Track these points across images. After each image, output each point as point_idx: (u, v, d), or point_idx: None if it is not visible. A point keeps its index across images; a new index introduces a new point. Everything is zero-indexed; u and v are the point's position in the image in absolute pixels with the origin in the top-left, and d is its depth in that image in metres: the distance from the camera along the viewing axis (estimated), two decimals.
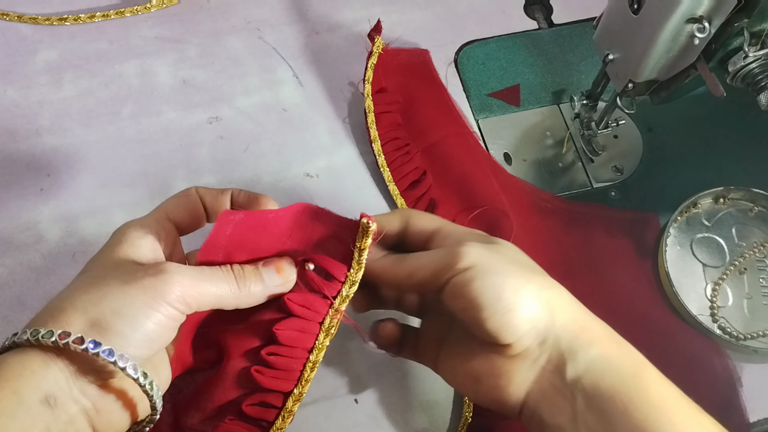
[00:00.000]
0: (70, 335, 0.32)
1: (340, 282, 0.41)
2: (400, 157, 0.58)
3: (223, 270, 0.38)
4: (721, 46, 0.45)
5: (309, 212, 0.42)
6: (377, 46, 0.61)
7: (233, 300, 0.38)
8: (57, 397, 0.32)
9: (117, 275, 0.35)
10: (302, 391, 0.41)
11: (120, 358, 0.33)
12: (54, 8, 0.66)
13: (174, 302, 0.35)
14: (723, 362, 0.53)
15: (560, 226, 0.58)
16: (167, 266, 0.35)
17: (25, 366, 0.32)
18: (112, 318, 0.33)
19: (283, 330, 0.41)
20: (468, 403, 0.50)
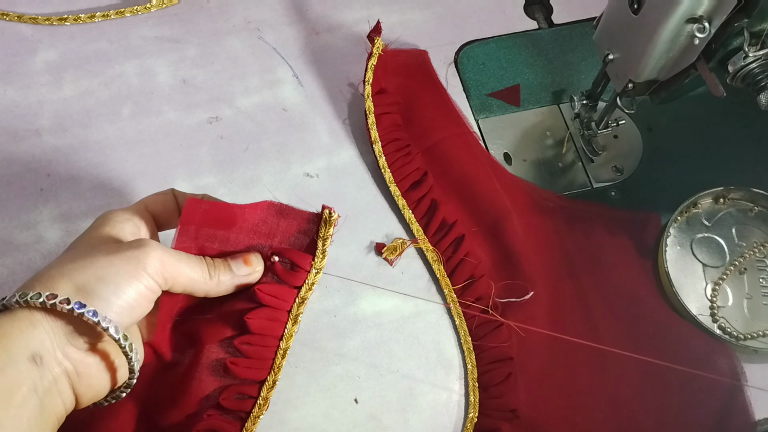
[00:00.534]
0: (57, 297, 0.34)
1: (306, 271, 0.44)
2: (401, 158, 0.58)
3: (197, 257, 0.42)
4: (721, 46, 0.45)
5: (274, 208, 0.45)
6: (377, 47, 0.61)
7: (204, 286, 0.41)
8: (43, 356, 0.34)
9: (102, 249, 0.38)
10: (275, 378, 0.44)
11: (103, 319, 0.35)
12: (54, 8, 0.66)
13: (153, 274, 0.38)
14: (726, 359, 0.53)
15: (562, 225, 0.58)
16: (148, 241, 0.39)
17: (14, 326, 0.34)
18: (97, 284, 0.36)
19: (254, 319, 0.43)
20: (474, 403, 0.50)
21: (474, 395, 0.51)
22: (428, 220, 0.56)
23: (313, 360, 0.51)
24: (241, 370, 0.43)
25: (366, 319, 0.53)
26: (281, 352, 0.44)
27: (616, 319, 0.54)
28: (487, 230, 0.56)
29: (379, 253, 0.56)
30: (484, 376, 0.51)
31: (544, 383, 0.51)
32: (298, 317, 0.45)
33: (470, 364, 0.52)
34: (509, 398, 0.50)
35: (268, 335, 0.44)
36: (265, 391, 0.44)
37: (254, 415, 0.44)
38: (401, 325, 0.53)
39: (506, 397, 0.50)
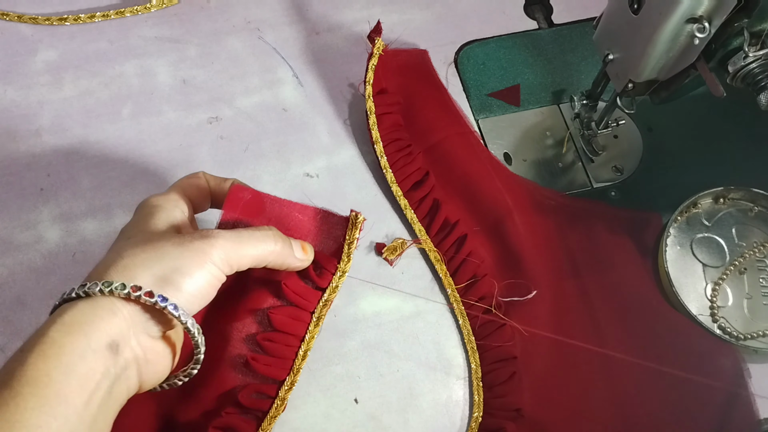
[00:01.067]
0: (141, 289, 0.36)
1: (331, 273, 0.45)
2: (403, 158, 0.58)
3: (262, 231, 0.42)
4: (721, 46, 0.45)
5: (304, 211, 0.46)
6: (378, 47, 0.61)
7: (270, 258, 0.42)
8: (119, 344, 0.36)
9: (167, 239, 0.39)
10: (293, 380, 0.45)
11: (183, 313, 0.37)
12: (54, 8, 0.66)
13: (219, 263, 0.39)
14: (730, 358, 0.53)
15: (563, 224, 0.58)
16: (212, 232, 0.40)
17: (96, 313, 0.35)
18: (174, 274, 0.37)
19: (278, 315, 0.44)
20: (478, 403, 0.50)
21: (478, 394, 0.51)
22: (430, 220, 0.56)
23: (313, 360, 0.51)
24: (261, 367, 0.44)
25: (366, 319, 0.53)
26: (302, 353, 0.45)
27: (618, 318, 0.54)
28: (489, 229, 0.56)
29: (379, 253, 0.56)
30: (488, 375, 0.51)
31: (548, 382, 0.51)
32: (320, 319, 0.45)
33: (474, 363, 0.52)
34: (513, 397, 0.50)
35: (291, 334, 0.45)
36: (283, 392, 0.45)
37: (271, 415, 0.44)
38: (401, 325, 0.53)
39: (510, 396, 0.50)
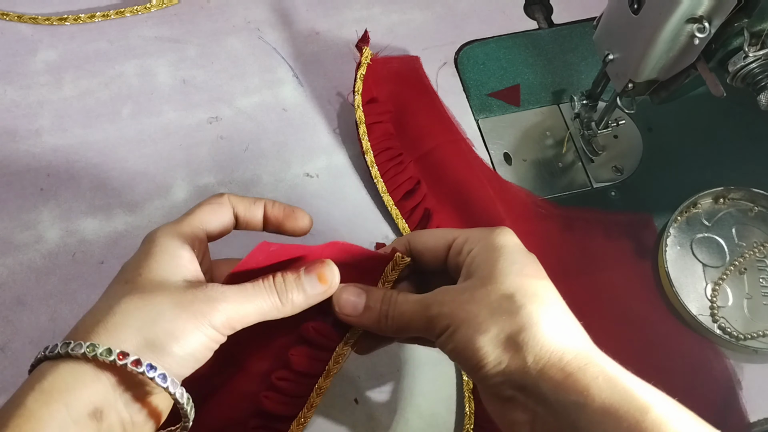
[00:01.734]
0: (128, 356, 0.33)
1: None
2: (394, 168, 0.58)
3: (265, 286, 0.38)
4: (721, 46, 0.45)
5: (343, 249, 0.42)
6: (365, 56, 0.61)
7: (276, 314, 0.38)
8: (103, 410, 0.33)
9: (167, 294, 0.35)
10: (307, 415, 0.42)
11: (172, 383, 0.34)
12: (54, 8, 0.66)
13: (219, 327, 0.36)
14: (722, 364, 0.53)
15: (556, 231, 0.58)
16: (215, 292, 0.36)
17: (77, 379, 0.33)
18: (167, 340, 0.34)
19: (298, 356, 0.41)
20: (469, 415, 0.50)
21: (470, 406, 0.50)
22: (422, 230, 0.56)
23: None
24: (274, 406, 0.41)
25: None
26: (317, 390, 0.42)
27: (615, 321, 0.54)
28: None
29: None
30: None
31: None
32: (340, 357, 0.42)
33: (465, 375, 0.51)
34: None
35: (308, 374, 0.42)
36: (295, 427, 0.42)
37: None
38: None
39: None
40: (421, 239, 0.42)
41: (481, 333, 0.36)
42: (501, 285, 0.37)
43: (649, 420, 0.32)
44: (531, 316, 0.36)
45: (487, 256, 0.39)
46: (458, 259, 0.40)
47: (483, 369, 0.36)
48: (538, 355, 0.35)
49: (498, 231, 0.40)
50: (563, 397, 0.34)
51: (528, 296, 0.37)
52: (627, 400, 0.33)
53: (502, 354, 0.35)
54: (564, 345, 0.35)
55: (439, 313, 0.37)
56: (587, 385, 0.34)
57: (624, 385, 0.34)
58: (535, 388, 0.35)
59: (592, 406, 0.33)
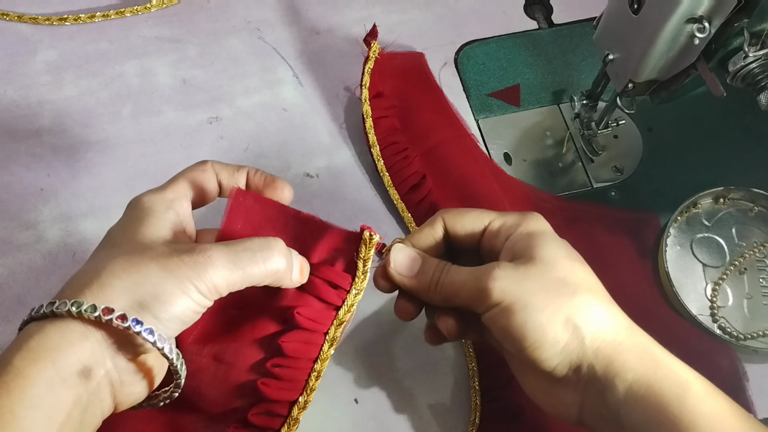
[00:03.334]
0: (114, 311, 0.33)
1: (345, 291, 0.42)
2: (399, 162, 0.58)
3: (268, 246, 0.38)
4: (721, 46, 0.45)
5: (312, 224, 0.42)
6: (373, 50, 0.61)
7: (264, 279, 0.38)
8: (92, 369, 0.33)
9: (153, 256, 0.35)
10: (307, 399, 0.42)
11: (159, 338, 0.34)
12: (54, 8, 0.66)
13: (205, 292, 0.36)
14: (727, 360, 0.53)
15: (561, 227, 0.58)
16: (201, 257, 0.36)
17: (65, 337, 0.33)
18: (153, 301, 0.34)
19: (289, 342, 0.41)
20: (476, 407, 0.50)
21: (476, 399, 0.50)
22: None
23: None
24: (272, 392, 0.41)
25: (366, 319, 0.53)
26: (315, 374, 0.42)
27: None
28: None
29: (379, 253, 0.56)
30: (486, 379, 0.51)
31: None
32: (335, 340, 0.42)
33: (472, 368, 0.51)
34: (511, 401, 0.50)
35: (303, 358, 0.42)
36: (295, 411, 0.42)
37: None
38: (401, 325, 0.53)
39: (508, 400, 0.50)
40: (458, 219, 0.43)
41: (540, 311, 0.37)
42: (554, 267, 0.38)
43: (690, 395, 0.35)
44: (586, 300, 0.38)
45: (530, 241, 0.40)
46: (494, 241, 0.41)
47: (541, 347, 0.37)
48: (595, 336, 0.37)
49: (533, 216, 0.42)
50: (612, 376, 0.36)
51: (579, 281, 0.39)
52: (669, 377, 0.36)
53: (561, 332, 0.37)
54: (616, 327, 0.37)
55: (493, 287, 0.38)
56: (636, 363, 0.36)
57: (667, 363, 0.37)
58: (590, 368, 0.37)
59: (638, 383, 0.36)
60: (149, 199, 0.39)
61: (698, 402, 0.35)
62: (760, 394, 0.52)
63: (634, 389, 0.36)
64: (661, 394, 0.35)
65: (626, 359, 0.36)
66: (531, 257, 0.39)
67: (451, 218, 0.43)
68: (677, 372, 0.36)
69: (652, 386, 0.36)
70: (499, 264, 0.39)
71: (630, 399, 0.36)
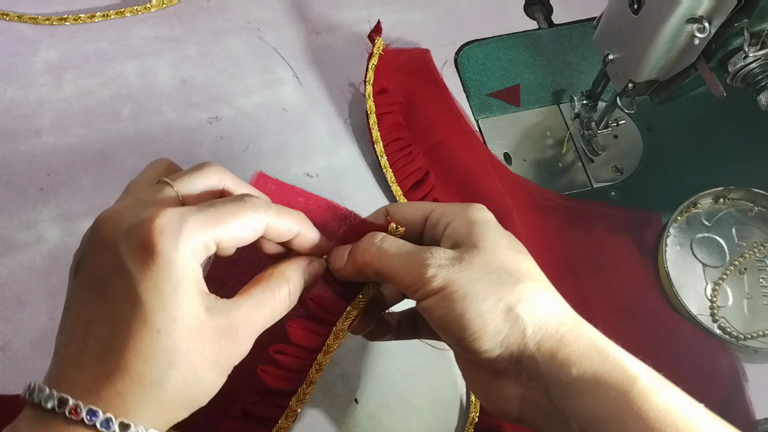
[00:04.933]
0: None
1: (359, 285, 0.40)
2: (403, 158, 0.59)
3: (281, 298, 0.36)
4: (721, 46, 0.45)
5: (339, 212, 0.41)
6: (378, 47, 0.61)
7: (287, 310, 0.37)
8: None
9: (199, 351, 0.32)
10: (306, 391, 0.41)
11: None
12: (54, 8, 0.66)
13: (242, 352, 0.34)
14: (727, 360, 0.53)
15: (563, 224, 0.58)
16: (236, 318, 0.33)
17: None
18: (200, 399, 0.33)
19: (295, 328, 0.40)
20: (475, 403, 0.50)
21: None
22: None
23: None
24: (271, 380, 0.41)
25: None
26: (317, 365, 0.41)
27: (616, 318, 0.54)
28: None
29: None
30: None
31: None
32: (340, 333, 0.41)
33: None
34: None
35: (306, 347, 0.41)
36: (294, 403, 0.42)
37: (280, 425, 0.42)
38: None
39: None
40: (398, 210, 0.41)
41: (481, 300, 0.35)
42: (496, 256, 0.36)
43: (637, 389, 0.33)
44: (529, 289, 0.36)
45: (471, 229, 0.38)
46: (434, 230, 0.39)
47: (481, 338, 0.35)
48: (537, 327, 0.35)
49: (476, 206, 0.39)
50: (556, 369, 0.34)
51: (522, 270, 0.37)
52: (616, 371, 0.34)
53: (502, 324, 0.35)
54: (559, 319, 0.35)
55: (432, 274, 0.35)
56: (580, 356, 0.34)
57: (614, 356, 0.34)
58: (530, 361, 0.35)
59: (583, 377, 0.34)
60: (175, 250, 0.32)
61: (647, 396, 0.33)
62: (760, 394, 0.52)
63: (579, 383, 0.34)
64: (608, 389, 0.33)
65: (570, 351, 0.34)
66: (473, 245, 0.37)
67: (393, 208, 0.42)
68: (625, 365, 0.34)
69: (598, 379, 0.34)
70: (438, 248, 0.37)
71: (575, 393, 0.34)
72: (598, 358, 0.34)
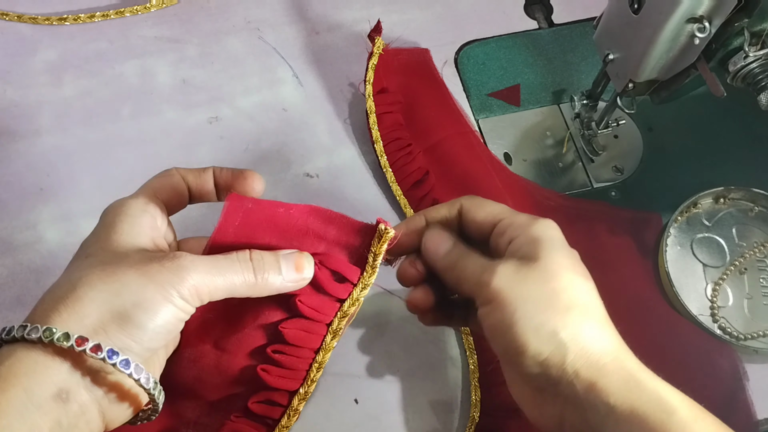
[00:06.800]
0: (87, 342, 0.31)
1: (352, 284, 0.41)
2: (403, 158, 0.59)
3: (240, 260, 0.37)
4: (721, 46, 0.45)
5: (322, 214, 0.41)
6: (377, 46, 0.61)
7: (247, 291, 0.37)
8: (69, 391, 0.32)
9: (131, 264, 0.34)
10: (308, 390, 0.42)
11: (135, 369, 0.33)
12: (54, 8, 0.66)
13: (188, 298, 0.35)
14: (727, 360, 0.53)
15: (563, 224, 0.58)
16: (182, 261, 0.35)
17: (37, 361, 0.31)
18: (134, 310, 0.33)
19: (290, 329, 0.41)
20: (475, 403, 0.50)
21: (476, 395, 0.51)
22: None
23: None
24: (272, 379, 0.41)
25: (366, 319, 0.53)
26: (316, 365, 0.42)
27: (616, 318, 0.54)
28: None
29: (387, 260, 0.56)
30: (486, 375, 0.51)
31: None
32: (338, 331, 0.41)
33: (472, 364, 0.52)
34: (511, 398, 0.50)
35: (304, 347, 0.41)
36: (296, 402, 0.42)
37: (282, 425, 0.42)
38: (401, 325, 0.53)
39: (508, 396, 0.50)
40: (476, 206, 0.43)
41: (529, 318, 0.36)
42: (554, 277, 0.38)
43: (674, 421, 0.34)
44: (578, 316, 0.37)
45: (536, 245, 0.39)
46: (500, 240, 0.41)
47: (522, 354, 0.36)
48: (578, 355, 0.36)
49: (543, 222, 0.41)
50: (593, 398, 0.35)
51: (576, 295, 0.38)
52: (654, 402, 0.35)
53: (545, 345, 0.36)
54: (602, 349, 0.36)
55: (491, 282, 0.37)
56: (618, 387, 0.35)
57: (652, 387, 0.35)
58: (569, 386, 0.36)
59: (621, 407, 0.35)
60: (121, 204, 0.38)
61: (684, 426, 0.34)
62: (760, 394, 0.52)
63: (616, 413, 0.35)
64: (645, 419, 0.34)
65: (609, 382, 0.35)
66: (535, 262, 0.38)
67: (470, 203, 0.43)
68: (663, 396, 0.35)
69: (636, 410, 0.34)
70: (504, 261, 0.39)
71: (612, 423, 0.35)
72: (636, 389, 0.35)
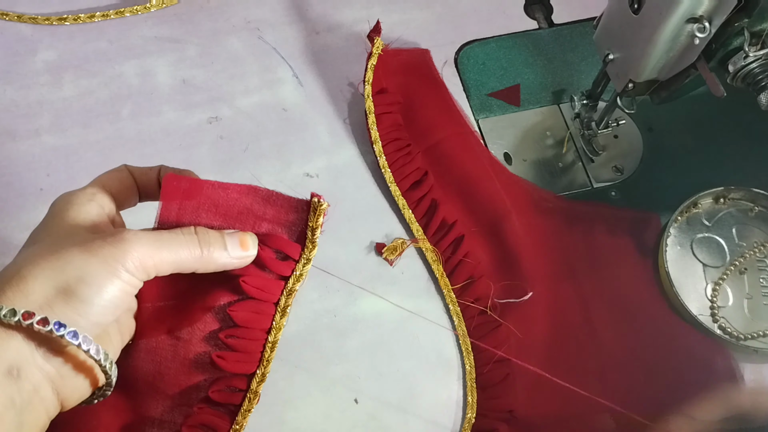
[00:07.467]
0: (34, 315, 0.31)
1: (294, 261, 0.42)
2: (402, 158, 0.59)
3: (185, 234, 0.37)
4: (721, 46, 0.45)
5: (261, 194, 0.41)
6: (377, 47, 0.61)
7: (193, 264, 0.38)
8: (21, 367, 0.32)
9: (74, 242, 0.34)
10: (264, 371, 0.42)
11: (84, 340, 0.32)
12: (54, 8, 0.66)
13: (133, 271, 0.34)
14: (725, 361, 0.53)
15: (562, 226, 0.58)
16: (125, 234, 0.35)
17: None
18: (78, 285, 0.33)
19: (239, 312, 0.41)
20: (471, 404, 0.50)
21: (472, 396, 0.51)
22: (428, 220, 0.56)
23: (313, 360, 0.51)
24: (228, 364, 0.42)
25: (366, 319, 0.53)
26: (269, 345, 0.42)
27: (615, 319, 0.54)
28: (487, 230, 0.56)
29: (380, 253, 0.56)
30: (483, 376, 0.51)
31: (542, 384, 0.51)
32: (286, 309, 0.42)
33: (468, 365, 0.52)
34: (507, 399, 0.50)
35: (255, 328, 0.42)
36: (254, 384, 0.42)
37: (244, 408, 0.42)
38: (401, 325, 0.53)
39: (504, 397, 0.50)
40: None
41: None
42: None
43: None
44: None
45: None
46: None
47: None
48: None
49: None
50: None
51: None
52: None
53: None
54: None
55: None
56: None
57: None
58: None
59: None
60: (69, 193, 0.38)
61: None
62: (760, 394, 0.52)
63: None
64: None
65: None
66: None
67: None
68: None
69: None
70: None
71: None
72: None
